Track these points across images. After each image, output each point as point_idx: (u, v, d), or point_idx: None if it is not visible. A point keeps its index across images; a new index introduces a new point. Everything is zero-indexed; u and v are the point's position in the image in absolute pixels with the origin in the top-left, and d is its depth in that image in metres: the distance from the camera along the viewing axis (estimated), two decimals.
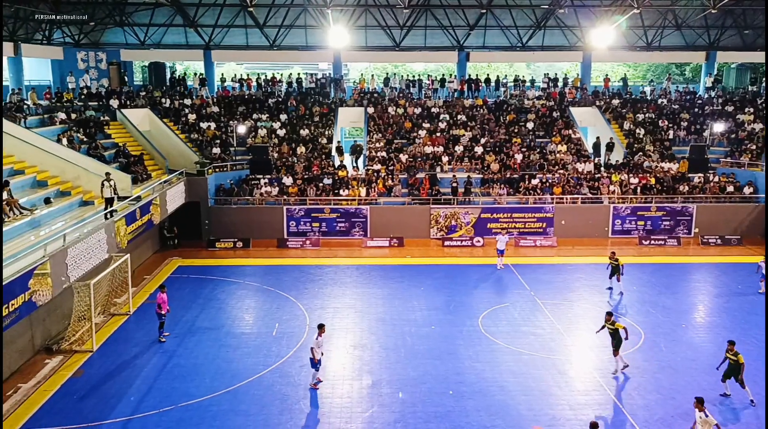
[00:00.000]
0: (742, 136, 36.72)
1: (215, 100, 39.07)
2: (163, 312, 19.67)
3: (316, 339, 16.72)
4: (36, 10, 33.32)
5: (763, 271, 24.28)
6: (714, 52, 43.03)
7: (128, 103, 35.15)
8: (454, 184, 32.03)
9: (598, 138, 36.34)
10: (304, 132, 36.60)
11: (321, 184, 32.49)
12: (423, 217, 31.69)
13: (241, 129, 35.39)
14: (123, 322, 21.30)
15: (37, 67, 38.29)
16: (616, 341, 17.48)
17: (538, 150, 35.76)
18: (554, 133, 37.22)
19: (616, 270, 23.96)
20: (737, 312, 22.41)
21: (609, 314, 17.87)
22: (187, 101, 38.04)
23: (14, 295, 15.15)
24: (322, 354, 17.01)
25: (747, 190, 32.93)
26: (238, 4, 37.97)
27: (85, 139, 29.17)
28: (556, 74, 43.04)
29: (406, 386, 16.85)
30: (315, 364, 16.68)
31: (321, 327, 17.05)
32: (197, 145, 34.15)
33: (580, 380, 17.29)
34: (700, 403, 13.38)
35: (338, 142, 36.45)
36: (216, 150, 33.93)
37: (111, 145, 30.32)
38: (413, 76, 46.62)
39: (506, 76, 44.86)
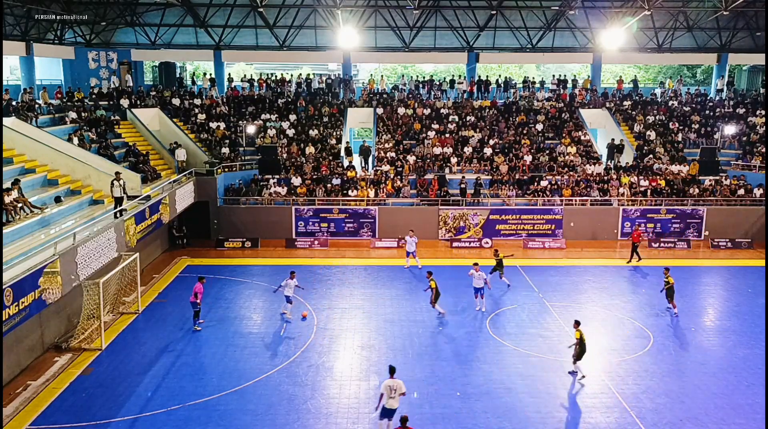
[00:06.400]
0: (754, 138, 36.41)
1: (225, 100, 39.21)
2: (198, 301, 20.37)
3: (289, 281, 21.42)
4: (48, 10, 33.59)
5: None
6: (726, 54, 42.63)
7: (138, 102, 35.34)
8: (463, 186, 31.97)
9: (612, 140, 36.10)
10: (313, 132, 36.65)
11: (330, 185, 32.51)
12: (431, 218, 31.65)
13: (251, 129, 35.47)
14: (132, 321, 21.39)
15: (49, 66, 38.57)
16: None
17: (548, 152, 35.62)
18: (564, 134, 37.08)
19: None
20: (747, 315, 22.25)
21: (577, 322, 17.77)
22: (197, 101, 38.21)
23: (24, 292, 15.28)
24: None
25: (758, 193, 32.66)
26: (248, 5, 38.13)
27: (95, 139, 29.34)
28: (564, 76, 42.87)
29: (413, 387, 16.81)
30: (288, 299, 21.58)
31: (292, 273, 21.78)
32: (207, 145, 34.30)
33: (587, 383, 17.21)
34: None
35: (347, 142, 36.49)
36: (225, 150, 34.04)
37: (121, 145, 30.50)
38: (423, 77, 46.52)
39: (511, 77, 44.69)
